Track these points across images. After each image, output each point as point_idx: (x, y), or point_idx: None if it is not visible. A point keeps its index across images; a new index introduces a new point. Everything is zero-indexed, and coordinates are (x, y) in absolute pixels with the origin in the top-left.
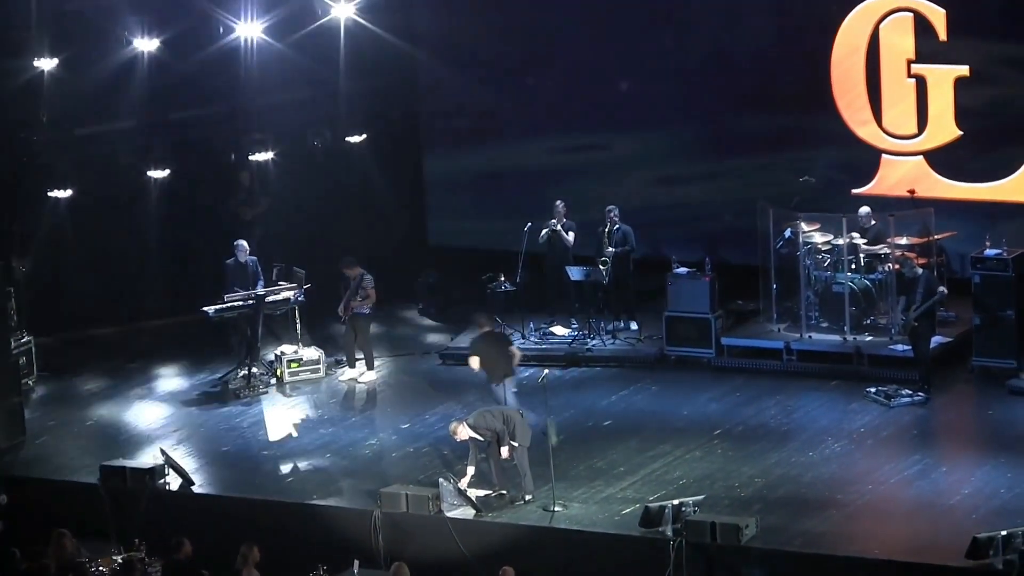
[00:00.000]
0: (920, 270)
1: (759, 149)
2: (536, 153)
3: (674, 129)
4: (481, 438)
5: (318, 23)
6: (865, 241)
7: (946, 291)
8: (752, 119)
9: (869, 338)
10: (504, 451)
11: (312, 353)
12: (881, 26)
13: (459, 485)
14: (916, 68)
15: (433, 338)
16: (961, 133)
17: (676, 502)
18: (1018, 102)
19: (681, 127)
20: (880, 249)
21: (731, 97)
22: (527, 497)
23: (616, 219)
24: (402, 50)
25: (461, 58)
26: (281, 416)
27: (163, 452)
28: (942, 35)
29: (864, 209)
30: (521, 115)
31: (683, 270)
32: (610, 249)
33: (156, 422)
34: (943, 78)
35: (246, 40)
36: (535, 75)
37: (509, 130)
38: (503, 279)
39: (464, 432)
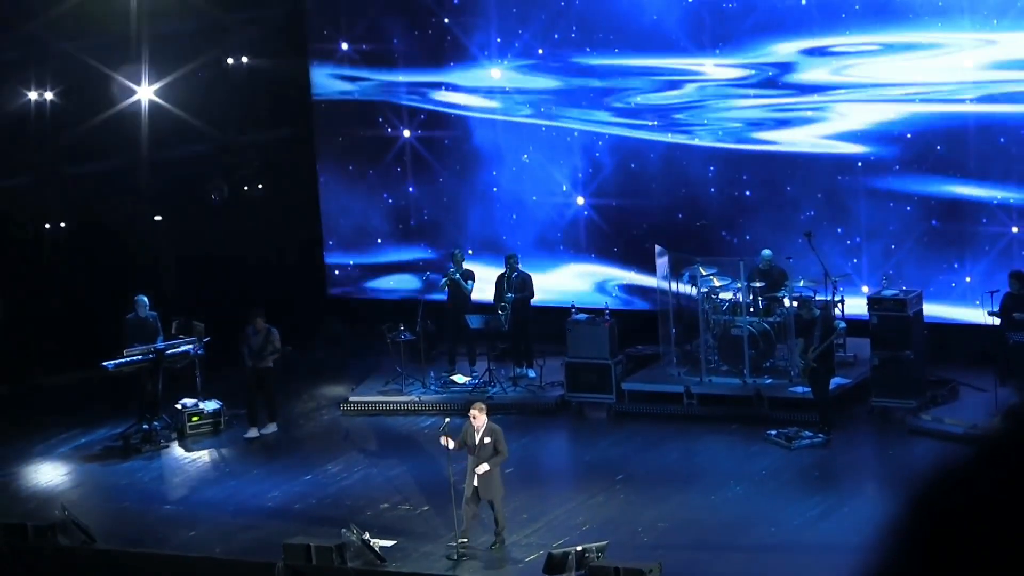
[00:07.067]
0: (817, 311)
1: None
2: (437, 194)
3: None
4: (480, 437)
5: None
6: (763, 285)
7: (845, 325)
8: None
9: (769, 381)
10: (482, 467)
11: (213, 406)
12: None
13: (363, 536)
14: None
15: (335, 389)
16: None
17: (580, 548)
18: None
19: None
20: (779, 292)
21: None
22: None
23: (516, 265)
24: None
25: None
26: (183, 469)
27: (65, 509)
28: None
29: (766, 252)
30: (418, 160)
31: (582, 316)
32: (509, 295)
33: (57, 478)
34: None
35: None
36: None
37: (409, 173)
38: (403, 328)
39: (483, 418)
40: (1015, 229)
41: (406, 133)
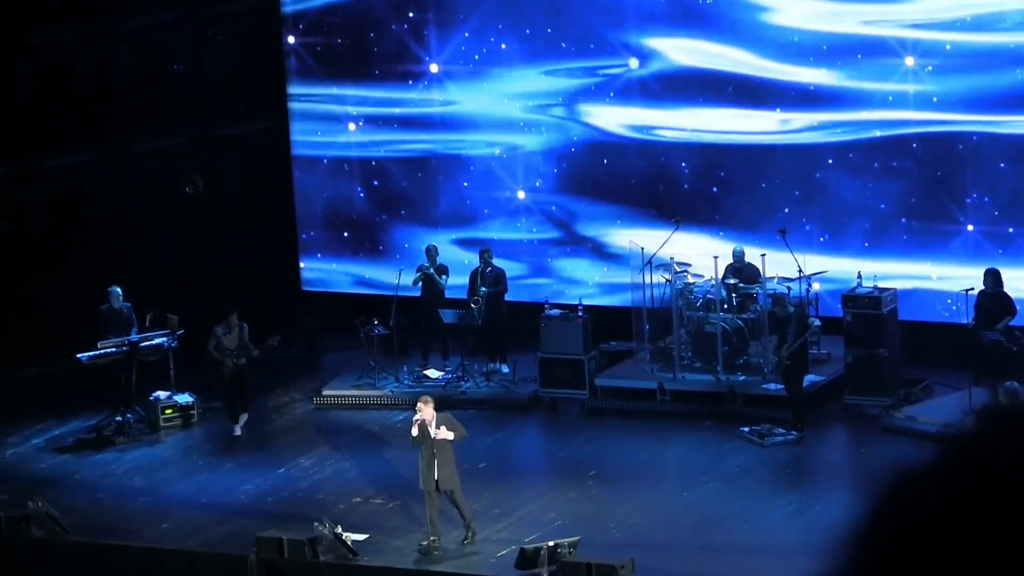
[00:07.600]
0: (792, 308)
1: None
2: (411, 188)
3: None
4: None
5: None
6: (738, 281)
7: (819, 323)
8: None
9: (742, 377)
10: (440, 431)
11: (186, 398)
12: None
13: (336, 530)
14: None
15: (308, 383)
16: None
17: (552, 543)
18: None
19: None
20: (753, 288)
21: None
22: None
23: (490, 259)
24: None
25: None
26: (156, 462)
27: (39, 500)
28: None
29: (737, 247)
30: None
31: (556, 312)
32: (483, 289)
33: (31, 470)
34: None
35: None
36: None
37: (382, 169)
38: (377, 322)
39: (428, 410)
40: (971, 227)
41: (377, 127)
